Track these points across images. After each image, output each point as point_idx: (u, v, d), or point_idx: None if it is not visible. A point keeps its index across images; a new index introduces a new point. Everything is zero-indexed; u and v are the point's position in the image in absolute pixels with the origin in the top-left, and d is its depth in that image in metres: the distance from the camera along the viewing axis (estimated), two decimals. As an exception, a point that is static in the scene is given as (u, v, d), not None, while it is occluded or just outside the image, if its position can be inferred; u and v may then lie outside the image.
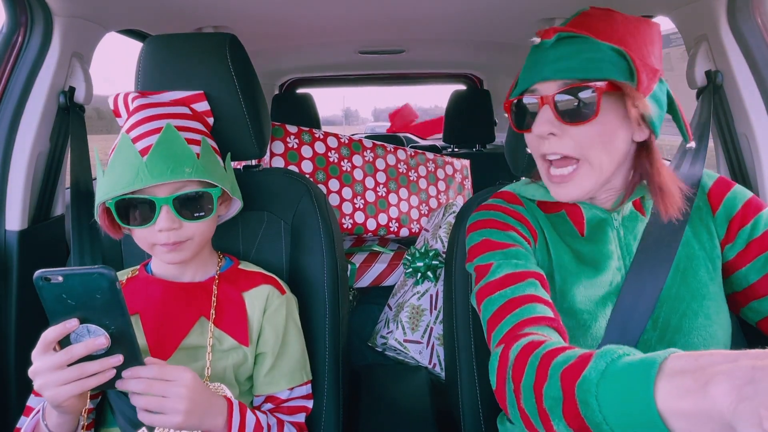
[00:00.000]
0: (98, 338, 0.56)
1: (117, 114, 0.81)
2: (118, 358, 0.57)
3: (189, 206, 0.71)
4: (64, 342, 0.56)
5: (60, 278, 0.53)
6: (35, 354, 0.57)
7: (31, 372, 0.57)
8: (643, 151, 0.66)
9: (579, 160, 0.64)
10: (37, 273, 0.53)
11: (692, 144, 0.69)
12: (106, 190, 0.69)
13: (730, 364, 0.32)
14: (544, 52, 0.63)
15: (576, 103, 0.61)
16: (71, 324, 0.55)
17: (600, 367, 0.41)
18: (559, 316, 0.61)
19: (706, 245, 0.69)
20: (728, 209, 0.70)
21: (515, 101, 0.68)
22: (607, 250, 0.69)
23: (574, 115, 0.61)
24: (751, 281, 0.67)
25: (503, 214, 0.71)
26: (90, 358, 0.56)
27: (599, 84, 0.60)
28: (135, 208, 0.69)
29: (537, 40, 0.65)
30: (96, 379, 0.57)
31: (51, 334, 0.55)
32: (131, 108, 0.76)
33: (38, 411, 0.65)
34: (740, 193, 0.71)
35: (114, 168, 0.69)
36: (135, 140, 0.69)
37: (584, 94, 0.60)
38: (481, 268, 0.67)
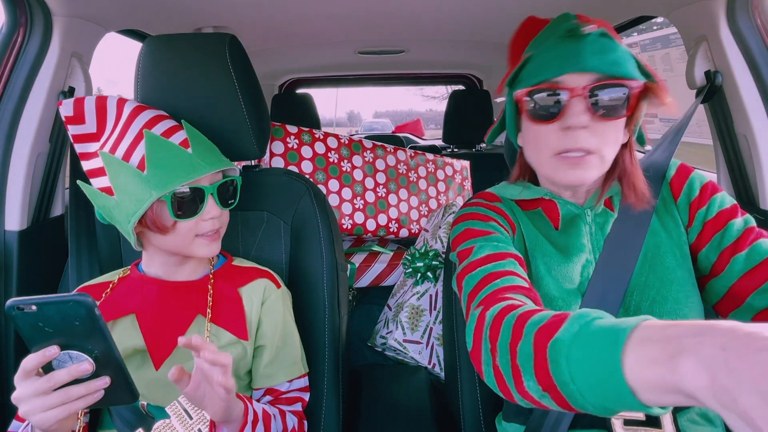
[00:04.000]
0: (81, 364, 0.54)
1: (80, 120, 0.74)
2: (104, 380, 0.55)
3: (226, 194, 0.77)
4: (47, 368, 0.54)
5: (33, 307, 0.51)
6: (17, 380, 0.54)
7: (14, 398, 0.55)
8: (626, 151, 0.70)
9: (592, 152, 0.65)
10: (9, 302, 0.51)
11: (649, 147, 0.74)
12: (156, 184, 0.67)
13: (696, 338, 0.33)
14: (583, 43, 0.61)
15: (611, 99, 0.62)
16: (50, 352, 0.53)
17: (573, 330, 0.43)
18: (536, 292, 0.62)
19: (672, 233, 0.72)
20: (688, 195, 0.73)
21: (534, 90, 0.64)
22: (580, 243, 0.72)
23: (608, 111, 0.62)
24: (712, 261, 0.69)
25: (484, 208, 0.75)
26: (76, 380, 0.54)
27: (635, 84, 0.61)
28: (184, 201, 0.70)
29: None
30: (83, 401, 0.55)
31: (30, 362, 0.53)
32: (129, 111, 0.74)
33: (28, 423, 0.63)
34: (698, 177, 0.73)
35: (157, 163, 0.68)
36: (164, 135, 0.71)
37: (621, 91, 0.62)
38: (463, 252, 0.69)
